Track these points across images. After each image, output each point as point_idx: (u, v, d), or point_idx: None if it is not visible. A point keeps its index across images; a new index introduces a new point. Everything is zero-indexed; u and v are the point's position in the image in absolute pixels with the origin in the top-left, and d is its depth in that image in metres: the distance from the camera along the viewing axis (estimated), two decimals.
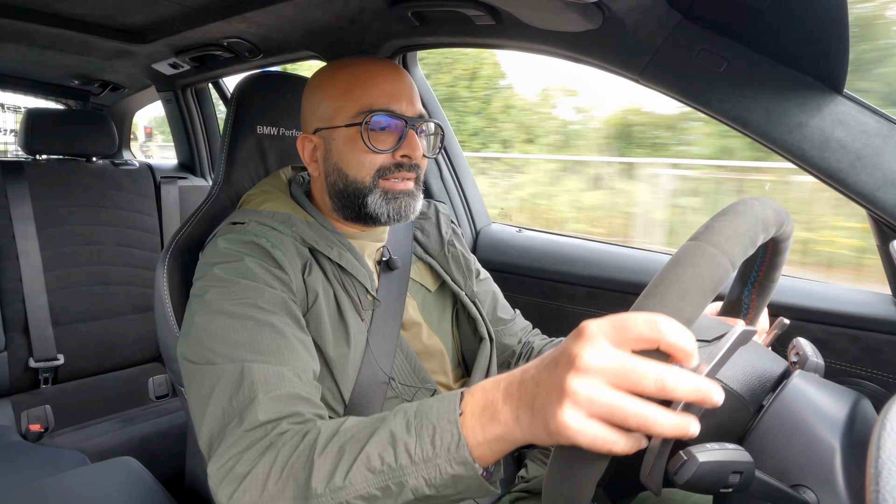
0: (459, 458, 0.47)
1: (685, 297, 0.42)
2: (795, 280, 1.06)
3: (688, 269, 0.43)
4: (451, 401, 0.49)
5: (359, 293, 0.79)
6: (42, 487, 1.06)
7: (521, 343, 1.00)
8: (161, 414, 1.67)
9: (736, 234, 0.46)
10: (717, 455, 0.38)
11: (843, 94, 0.75)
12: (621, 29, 0.85)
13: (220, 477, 0.55)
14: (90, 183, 1.86)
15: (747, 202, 0.50)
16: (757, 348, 0.54)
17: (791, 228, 0.56)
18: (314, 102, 0.81)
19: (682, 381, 0.39)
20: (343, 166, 0.78)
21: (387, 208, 0.77)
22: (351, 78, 0.77)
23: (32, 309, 1.67)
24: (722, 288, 0.45)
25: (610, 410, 0.40)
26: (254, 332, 0.64)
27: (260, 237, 0.74)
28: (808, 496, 0.42)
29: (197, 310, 0.69)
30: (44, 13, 1.24)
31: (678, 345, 0.40)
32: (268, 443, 0.55)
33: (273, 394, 0.59)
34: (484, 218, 1.59)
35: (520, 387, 0.46)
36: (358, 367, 0.76)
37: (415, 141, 0.77)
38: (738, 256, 0.45)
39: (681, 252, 0.45)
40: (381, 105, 0.75)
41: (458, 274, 0.92)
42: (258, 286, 0.69)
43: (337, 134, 0.77)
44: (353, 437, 0.52)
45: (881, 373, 0.92)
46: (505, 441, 0.46)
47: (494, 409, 0.46)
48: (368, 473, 0.49)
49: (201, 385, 0.63)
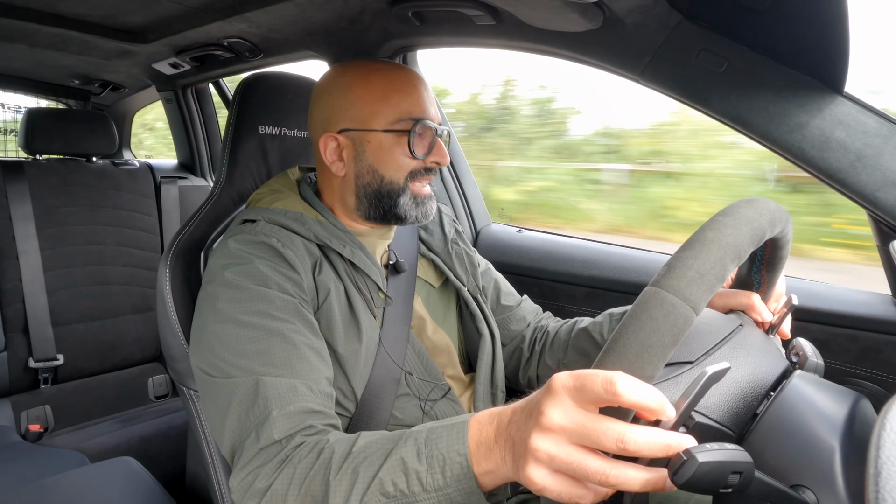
0: (469, 489, 0.49)
1: (642, 354, 0.41)
2: (795, 280, 1.06)
3: (646, 323, 0.42)
4: (459, 431, 0.51)
5: (371, 291, 0.80)
6: (42, 487, 1.06)
7: (531, 328, 1.00)
8: (161, 414, 1.68)
9: (699, 276, 0.43)
10: (716, 455, 0.38)
11: (844, 94, 0.75)
12: (621, 29, 0.85)
13: (243, 491, 0.59)
14: (90, 183, 1.86)
15: (717, 224, 0.47)
16: (748, 358, 0.53)
17: (780, 227, 0.53)
18: (343, 103, 0.79)
19: (643, 438, 0.39)
20: (380, 168, 0.79)
21: (416, 212, 0.81)
22: (387, 84, 0.78)
23: (32, 309, 1.67)
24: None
25: (570, 468, 0.41)
26: (266, 344, 0.66)
27: (270, 237, 0.75)
28: (807, 496, 0.42)
29: (209, 317, 0.70)
30: (44, 13, 1.24)
31: (637, 403, 0.40)
32: (283, 457, 0.58)
33: (286, 410, 0.61)
34: (484, 218, 1.59)
35: (507, 428, 0.48)
36: (371, 364, 0.77)
37: (443, 148, 0.81)
38: (702, 300, 0.43)
39: (640, 301, 0.43)
40: (418, 114, 0.78)
41: (462, 270, 0.94)
42: (269, 291, 0.70)
43: (373, 137, 0.78)
44: (366, 460, 0.54)
45: (881, 373, 0.92)
46: (497, 476, 0.49)
47: (487, 446, 0.49)
48: (383, 497, 0.52)
49: (217, 397, 0.65)
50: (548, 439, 0.42)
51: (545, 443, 0.42)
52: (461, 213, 1.54)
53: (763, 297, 0.66)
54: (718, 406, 0.48)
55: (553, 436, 0.42)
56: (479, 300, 0.94)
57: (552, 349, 0.94)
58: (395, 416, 0.78)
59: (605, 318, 0.88)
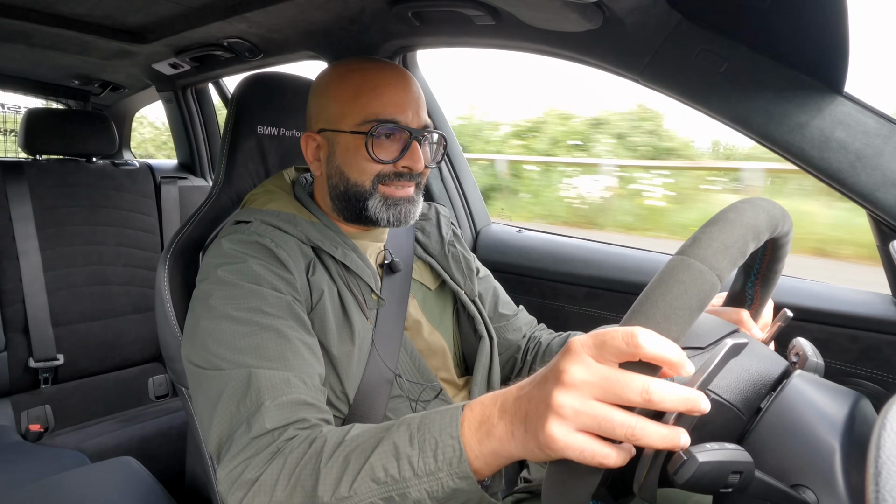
0: (461, 473, 0.48)
1: (670, 316, 0.41)
2: (795, 280, 1.06)
3: (673, 287, 0.42)
4: (452, 415, 0.50)
5: (363, 292, 0.80)
6: (42, 487, 1.06)
7: (525, 338, 1.00)
8: (161, 414, 1.67)
9: (724, 247, 0.45)
10: (716, 455, 0.38)
11: (843, 94, 0.75)
12: (621, 29, 0.85)
13: (230, 483, 0.56)
14: (90, 183, 1.86)
15: (738, 208, 0.49)
16: (753, 351, 0.53)
17: (788, 228, 0.55)
18: (321, 102, 0.81)
19: (668, 391, 0.39)
20: (345, 169, 0.78)
21: (387, 214, 0.78)
22: (360, 83, 0.77)
23: (32, 309, 1.67)
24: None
25: (596, 422, 0.40)
26: (259, 338, 0.65)
27: (264, 237, 0.74)
28: (807, 496, 0.42)
29: (202, 314, 0.69)
30: (44, 13, 1.24)
31: (659, 356, 0.40)
32: (275, 448, 0.57)
33: (279, 400, 0.60)
34: (484, 218, 1.59)
35: (515, 402, 0.46)
36: (363, 365, 0.77)
37: (417, 153, 0.77)
38: (726, 270, 0.44)
39: (666, 268, 0.44)
40: (387, 115, 0.76)
41: (458, 273, 0.93)
42: (262, 289, 0.69)
43: (341, 138, 0.78)
44: (358, 447, 0.53)
45: (881, 373, 0.92)
46: (500, 455, 0.47)
47: (490, 424, 0.48)
48: (373, 484, 0.50)
49: (208, 390, 0.64)
50: (571, 394, 0.41)
51: (569, 398, 0.41)
52: (461, 213, 1.54)
53: (754, 315, 0.67)
54: (731, 387, 0.49)
55: (576, 391, 0.41)
56: (476, 303, 0.93)
57: (543, 360, 0.94)
58: (387, 418, 0.77)
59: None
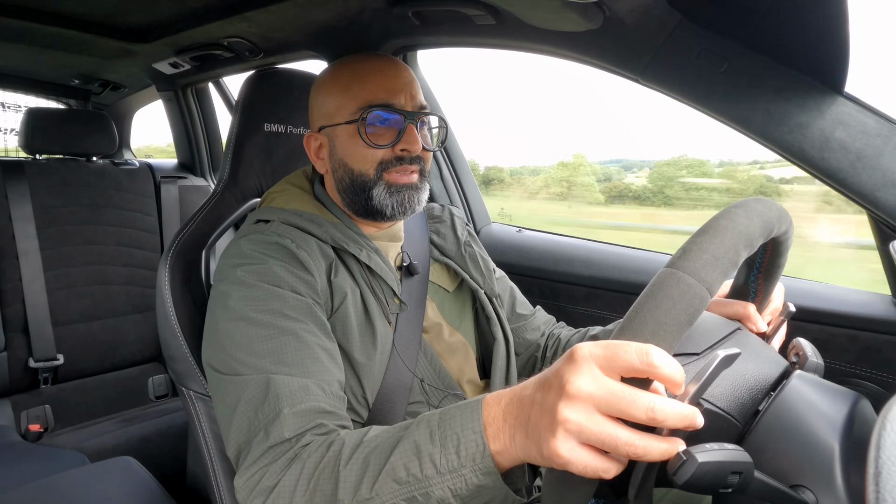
0: (485, 468, 0.47)
1: (658, 332, 0.41)
2: (795, 280, 1.06)
3: (662, 302, 0.42)
4: (473, 410, 0.49)
5: (386, 296, 0.79)
6: (42, 487, 1.06)
7: (544, 336, 0.99)
8: (161, 414, 1.67)
9: (714, 259, 0.44)
10: (716, 455, 0.38)
11: (844, 94, 0.75)
12: (622, 29, 0.85)
13: (248, 490, 0.56)
14: (90, 183, 1.86)
15: (731, 214, 0.48)
16: (751, 354, 0.53)
17: (786, 227, 0.54)
18: (318, 101, 0.82)
19: (671, 409, 0.39)
20: (347, 161, 0.79)
21: (391, 201, 0.78)
22: (351, 75, 0.78)
23: (32, 309, 1.67)
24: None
25: (600, 439, 0.40)
26: (278, 342, 0.65)
27: (284, 237, 0.74)
28: (807, 496, 0.42)
29: (220, 315, 0.69)
30: (45, 12, 1.24)
31: (669, 376, 0.40)
32: (293, 454, 0.56)
33: (298, 408, 0.60)
34: (484, 218, 1.59)
35: (518, 405, 0.46)
36: (384, 370, 0.76)
37: (413, 134, 0.77)
38: (717, 282, 0.43)
39: (655, 281, 0.43)
40: (379, 100, 0.76)
41: (476, 273, 0.92)
42: (282, 291, 0.69)
43: (339, 130, 0.79)
44: (377, 448, 0.52)
45: (881, 373, 0.92)
46: (504, 457, 0.47)
47: (497, 426, 0.47)
48: (395, 485, 0.49)
49: (227, 395, 0.64)
50: (576, 408, 0.40)
51: (574, 412, 0.40)
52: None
53: (758, 307, 0.66)
54: (725, 395, 0.49)
55: (582, 404, 0.40)
56: (494, 304, 0.92)
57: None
58: None
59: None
